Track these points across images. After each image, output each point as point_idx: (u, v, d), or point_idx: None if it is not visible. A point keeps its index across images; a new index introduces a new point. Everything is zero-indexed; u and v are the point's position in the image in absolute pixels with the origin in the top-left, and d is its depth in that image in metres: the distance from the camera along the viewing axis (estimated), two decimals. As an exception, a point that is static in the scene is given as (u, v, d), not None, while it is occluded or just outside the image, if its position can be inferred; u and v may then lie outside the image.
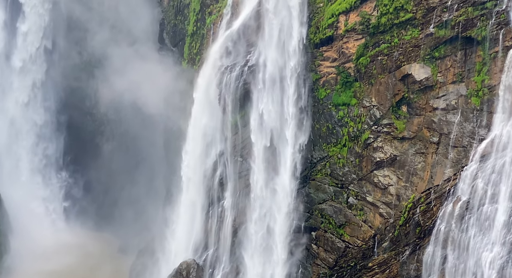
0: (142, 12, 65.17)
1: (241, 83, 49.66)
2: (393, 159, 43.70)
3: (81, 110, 73.28)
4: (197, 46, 58.34)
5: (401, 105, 43.25)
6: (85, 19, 69.20)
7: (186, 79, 57.23)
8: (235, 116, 50.84)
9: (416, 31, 41.65)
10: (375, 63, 43.65)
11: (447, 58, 40.56)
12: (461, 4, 39.10)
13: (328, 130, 46.69)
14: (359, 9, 43.95)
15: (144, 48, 63.78)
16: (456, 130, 39.98)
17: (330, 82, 46.38)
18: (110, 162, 71.58)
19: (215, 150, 52.08)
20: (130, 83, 59.51)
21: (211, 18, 55.79)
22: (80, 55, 72.04)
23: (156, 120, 62.16)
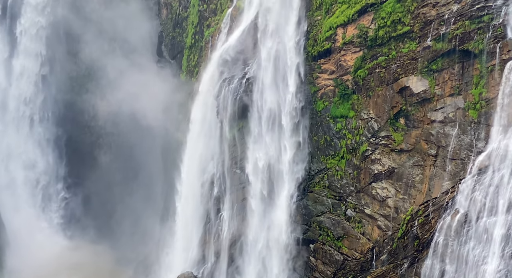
0: (140, 25, 65.45)
1: (239, 95, 49.73)
2: (391, 171, 43.67)
3: (79, 123, 73.33)
4: (195, 58, 58.53)
5: (399, 117, 43.29)
6: (83, 32, 69.48)
7: (184, 91, 57.40)
8: (233, 129, 50.87)
9: (414, 44, 41.81)
10: (373, 76, 43.77)
11: (445, 71, 40.67)
12: (458, 18, 39.27)
13: (326, 143, 46.71)
14: (357, 22, 44.15)
15: (143, 60, 64.04)
16: (454, 143, 39.98)
17: (328, 94, 46.47)
18: (108, 175, 71.49)
19: (213, 162, 52.07)
20: (128, 95, 59.67)
21: (209, 31, 56.03)
22: (78, 68, 72.22)
23: (154, 132, 62.23)
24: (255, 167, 49.25)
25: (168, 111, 57.41)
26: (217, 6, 56.04)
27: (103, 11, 66.86)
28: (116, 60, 65.36)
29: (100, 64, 67.03)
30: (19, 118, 73.93)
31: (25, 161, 73.90)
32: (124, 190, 69.67)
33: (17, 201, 71.76)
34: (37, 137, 74.15)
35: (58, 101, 73.85)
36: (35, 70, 73.28)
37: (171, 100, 57.28)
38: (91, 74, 70.28)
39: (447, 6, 39.93)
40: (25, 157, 73.88)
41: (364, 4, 43.59)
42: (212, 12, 56.60)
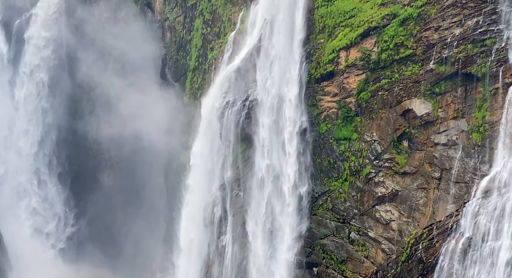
0: (144, 48, 65.83)
1: (242, 117, 49.86)
2: (395, 194, 43.54)
3: (82, 146, 73.30)
4: (198, 81, 58.84)
5: (402, 140, 43.30)
6: (86, 56, 69.81)
7: (187, 113, 57.61)
8: (236, 150, 50.92)
9: (417, 67, 41.98)
10: (376, 98, 43.88)
11: (448, 94, 40.77)
12: (461, 41, 39.50)
13: (329, 165, 46.66)
14: (360, 45, 44.39)
15: (146, 83, 64.32)
16: (458, 166, 39.91)
17: (331, 116, 46.55)
18: (111, 197, 71.29)
19: (215, 184, 51.99)
20: (131, 118, 59.88)
21: (213, 54, 56.42)
22: (82, 90, 72.52)
23: (157, 155, 62.26)
24: (258, 189, 49.12)
25: (171, 133, 57.55)
26: (221, 30, 56.50)
27: (107, 34, 67.41)
28: (120, 83, 65.68)
29: (104, 87, 67.32)
30: (22, 142, 74.08)
31: (27, 185, 73.85)
32: (126, 212, 69.42)
33: (19, 225, 71.55)
34: (39, 160, 74.20)
35: (60, 125, 74.07)
36: (38, 94, 73.68)
37: (175, 123, 57.47)
38: (94, 97, 70.50)
39: (449, 30, 40.20)
40: (28, 180, 73.87)
41: (366, 27, 43.87)
42: (216, 35, 57.06)
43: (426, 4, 41.33)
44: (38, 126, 73.81)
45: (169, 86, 63.38)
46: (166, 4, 64.26)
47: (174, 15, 63.19)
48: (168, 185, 63.28)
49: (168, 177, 63.21)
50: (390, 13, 42.87)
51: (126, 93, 63.90)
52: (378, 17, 43.34)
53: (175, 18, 63.14)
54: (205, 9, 58.19)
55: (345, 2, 45.18)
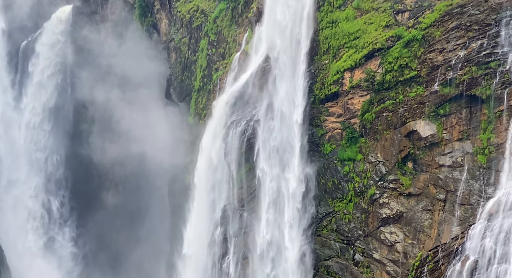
0: (149, 69, 66.22)
1: (246, 137, 49.86)
2: (400, 216, 43.35)
3: (87, 166, 73.35)
4: (203, 101, 59.04)
5: (407, 161, 43.23)
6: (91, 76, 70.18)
7: (192, 133, 57.68)
8: (240, 171, 50.80)
9: (421, 89, 42.06)
10: (381, 119, 43.91)
11: (452, 116, 40.79)
12: (465, 63, 39.63)
13: (333, 186, 46.53)
14: (364, 66, 44.53)
15: (151, 103, 64.55)
16: (463, 188, 39.79)
17: (335, 137, 46.53)
18: (114, 218, 71.12)
19: (219, 204, 51.82)
20: (136, 138, 59.99)
21: (218, 74, 56.68)
22: (86, 110, 72.81)
23: (161, 175, 62.25)
24: (263, 210, 48.94)
25: (175, 154, 57.56)
26: (226, 50, 56.83)
27: (112, 55, 67.85)
28: (124, 103, 65.93)
29: (108, 108, 67.54)
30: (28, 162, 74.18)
31: (32, 205, 73.78)
32: (130, 233, 69.21)
33: (23, 245, 71.33)
34: (44, 180, 74.24)
35: (65, 144, 74.24)
36: (42, 113, 74.01)
37: (179, 143, 57.53)
38: (99, 118, 70.76)
39: (454, 52, 40.35)
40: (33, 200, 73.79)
41: (371, 49, 44.04)
42: (221, 56, 57.38)
43: (430, 26, 41.55)
44: (42, 146, 74.01)
45: (174, 107, 63.59)
46: (171, 25, 64.81)
47: (180, 36, 63.66)
48: (172, 205, 63.15)
49: (172, 197, 63.12)
50: (394, 35, 43.10)
51: (131, 114, 64.12)
52: (382, 38, 43.56)
53: (181, 39, 63.60)
54: (210, 30, 58.63)
55: (349, 24, 45.42)
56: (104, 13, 72.13)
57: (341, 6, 45.74)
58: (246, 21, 54.46)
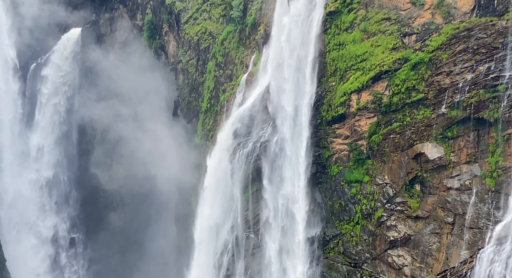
0: (157, 90, 66.55)
1: (253, 159, 49.84)
2: (407, 238, 43.03)
3: (94, 186, 73.37)
4: (210, 122, 59.18)
5: (415, 183, 43.04)
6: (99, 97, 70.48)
7: (199, 155, 57.72)
8: (247, 192, 50.70)
9: (428, 111, 42.04)
10: (388, 141, 43.82)
11: (460, 138, 40.69)
12: (473, 86, 39.64)
13: (340, 208, 46.31)
14: (371, 88, 44.61)
15: (158, 124, 64.70)
16: (471, 211, 39.52)
17: (342, 159, 46.44)
18: (121, 239, 70.89)
19: (226, 226, 51.61)
20: (143, 159, 59.98)
21: (225, 96, 56.88)
22: (94, 131, 73.04)
23: (168, 196, 62.15)
24: (269, 231, 48.70)
25: (182, 175, 57.53)
26: (233, 72, 57.10)
27: (121, 77, 68.24)
28: (132, 124, 66.13)
29: (116, 128, 67.71)
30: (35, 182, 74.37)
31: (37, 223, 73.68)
32: (136, 254, 68.88)
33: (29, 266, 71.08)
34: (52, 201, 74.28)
35: (72, 165, 74.39)
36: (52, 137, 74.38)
37: (186, 164, 57.51)
38: (107, 138, 70.89)
39: (461, 75, 40.39)
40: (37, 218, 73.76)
41: (378, 71, 44.14)
42: (228, 77, 57.64)
43: (437, 49, 41.66)
44: (50, 166, 74.22)
45: (181, 128, 63.72)
46: (179, 47, 65.26)
47: (187, 58, 64.08)
48: (179, 226, 62.95)
49: (179, 218, 62.94)
50: (401, 58, 43.22)
51: (138, 135, 64.27)
52: (389, 61, 43.68)
53: (188, 61, 64.01)
54: (217, 52, 59.01)
55: (356, 46, 45.59)
56: (112, 35, 72.79)
57: (348, 28, 45.95)
58: (254, 43, 54.79)
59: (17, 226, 73.02)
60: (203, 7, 61.82)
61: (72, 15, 74.99)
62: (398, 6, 43.78)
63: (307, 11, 46.81)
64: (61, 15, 75.44)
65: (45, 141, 74.43)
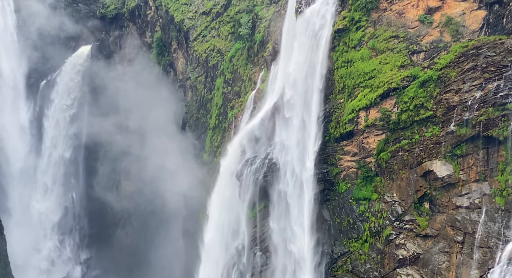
0: (165, 107, 66.81)
1: (261, 175, 49.70)
2: (416, 257, 42.63)
3: (102, 203, 73.40)
4: (218, 139, 59.20)
5: (423, 201, 42.75)
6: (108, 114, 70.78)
7: (207, 171, 57.69)
8: (254, 209, 50.52)
9: (437, 129, 41.87)
10: (396, 159, 43.63)
11: (469, 156, 40.45)
12: (482, 104, 39.49)
13: (349, 225, 46.00)
14: (380, 105, 44.51)
15: (166, 141, 64.84)
16: (481, 230, 39.14)
17: (350, 176, 46.23)
18: (128, 255, 70.74)
19: (233, 243, 51.39)
20: (151, 176, 59.94)
21: (233, 112, 56.96)
22: (103, 148, 73.15)
23: (175, 213, 62.10)
24: (276, 249, 48.43)
25: (190, 191, 57.48)
26: (241, 89, 57.27)
27: (129, 93, 68.54)
28: (140, 141, 66.32)
29: (124, 145, 67.87)
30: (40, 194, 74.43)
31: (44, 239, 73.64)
32: (144, 271, 68.62)
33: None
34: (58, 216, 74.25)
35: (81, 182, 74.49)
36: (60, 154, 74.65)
37: (194, 181, 57.49)
38: (115, 156, 70.98)
39: (470, 93, 40.27)
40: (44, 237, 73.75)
41: (386, 88, 44.07)
42: (236, 94, 57.78)
43: (446, 67, 41.60)
44: (59, 183, 74.34)
45: (189, 144, 63.82)
46: (188, 64, 65.55)
47: (196, 74, 64.35)
48: (186, 242, 62.74)
49: (187, 235, 62.77)
50: (410, 75, 43.16)
51: (146, 151, 64.41)
52: (397, 78, 43.62)
53: (197, 78, 64.27)
54: (226, 69, 59.25)
55: (364, 64, 45.61)
56: (122, 52, 73.34)
57: (357, 46, 46.00)
58: (262, 60, 54.97)
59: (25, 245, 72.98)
60: (212, 25, 62.24)
61: (82, 33, 75.77)
62: (407, 24, 43.87)
63: (315, 28, 46.97)
64: (71, 33, 76.26)
65: (53, 158, 74.71)
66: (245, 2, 59.12)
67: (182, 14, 64.66)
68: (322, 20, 46.79)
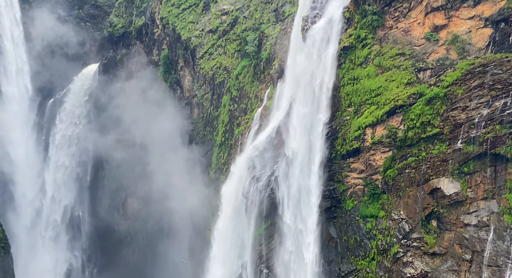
0: (172, 124, 66.91)
1: (267, 193, 49.59)
2: (424, 275, 42.25)
3: (109, 221, 73.26)
4: (225, 156, 59.20)
5: (431, 219, 42.47)
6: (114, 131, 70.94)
7: (213, 189, 57.62)
8: (261, 226, 50.34)
9: (444, 146, 41.73)
10: (403, 176, 43.45)
11: (477, 174, 40.23)
12: (489, 122, 39.37)
13: (356, 243, 45.72)
14: (386, 122, 44.44)
15: (173, 159, 64.86)
16: (490, 249, 38.80)
17: (357, 193, 46.05)
18: (134, 274, 70.38)
19: (240, 260, 51.16)
20: (157, 194, 59.85)
21: (239, 129, 57.02)
22: (109, 165, 73.19)
23: (182, 231, 61.86)
24: (282, 266, 48.15)
25: (196, 208, 57.39)
26: (247, 106, 57.37)
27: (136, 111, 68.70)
28: (146, 158, 66.37)
29: (130, 163, 67.92)
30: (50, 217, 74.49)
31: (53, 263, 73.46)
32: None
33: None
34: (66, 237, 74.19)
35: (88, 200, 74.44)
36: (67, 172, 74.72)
37: (200, 198, 57.43)
38: (121, 173, 71.01)
39: (477, 110, 40.18)
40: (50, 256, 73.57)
41: (393, 105, 44.03)
42: (243, 111, 57.88)
43: (452, 84, 41.56)
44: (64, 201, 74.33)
45: (195, 161, 63.83)
46: (194, 81, 65.79)
47: (202, 92, 64.55)
48: (193, 260, 62.46)
49: (193, 252, 62.50)
50: (416, 92, 43.14)
51: (152, 168, 64.39)
52: (404, 96, 43.60)
53: (203, 95, 64.45)
54: (232, 86, 59.44)
55: (371, 81, 45.65)
56: (129, 70, 73.74)
57: (363, 63, 46.08)
58: (268, 77, 55.14)
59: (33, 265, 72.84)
60: (218, 43, 62.58)
61: (90, 51, 76.34)
62: (413, 42, 43.96)
63: (321, 46, 47.14)
64: (78, 51, 76.83)
65: (60, 176, 74.80)
66: (252, 20, 59.51)
67: (189, 32, 65.04)
68: (328, 38, 46.98)
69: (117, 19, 75.66)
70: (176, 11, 67.04)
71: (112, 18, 76.45)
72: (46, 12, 74.56)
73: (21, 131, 73.92)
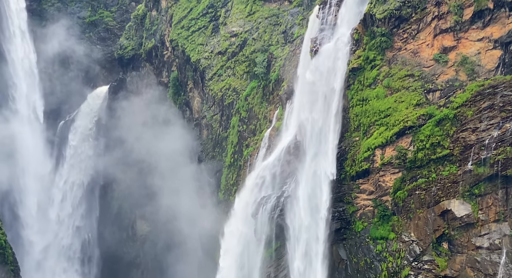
0: (181, 146, 66.95)
1: (276, 214, 49.40)
2: (436, 299, 41.83)
3: (117, 242, 73.06)
4: (233, 177, 59.18)
5: (442, 241, 42.12)
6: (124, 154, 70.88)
7: (222, 210, 57.50)
8: (270, 248, 50.08)
9: (454, 168, 41.53)
10: (413, 198, 43.21)
11: (488, 196, 39.95)
12: (499, 143, 39.19)
13: (366, 265, 45.34)
14: (395, 143, 44.36)
15: (182, 179, 64.85)
16: (502, 272, 38.38)
17: (367, 215, 45.80)
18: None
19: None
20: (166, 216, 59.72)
21: (248, 150, 57.07)
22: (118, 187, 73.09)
23: (191, 253, 61.57)
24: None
25: (206, 229, 57.19)
26: (256, 127, 57.48)
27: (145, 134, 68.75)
28: (156, 179, 66.34)
29: (139, 184, 67.90)
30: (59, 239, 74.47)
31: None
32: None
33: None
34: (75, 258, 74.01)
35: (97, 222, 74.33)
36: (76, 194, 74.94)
37: (209, 219, 57.27)
38: (131, 194, 70.97)
39: (487, 132, 40.04)
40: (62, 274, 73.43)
41: (402, 126, 43.99)
42: (251, 132, 57.98)
43: (462, 105, 41.52)
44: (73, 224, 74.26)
45: (204, 183, 63.81)
46: (204, 103, 66.06)
47: (211, 113, 64.78)
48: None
49: (202, 272, 62.09)
50: (425, 113, 43.10)
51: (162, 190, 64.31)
52: (413, 117, 43.56)
53: (212, 116, 64.66)
54: (241, 108, 59.62)
55: (380, 102, 45.67)
56: (139, 92, 74.15)
57: (372, 84, 46.17)
58: (277, 98, 55.29)
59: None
60: (227, 64, 62.93)
61: (100, 73, 76.93)
62: (422, 63, 44.03)
63: (330, 67, 47.30)
64: (89, 74, 77.45)
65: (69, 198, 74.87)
66: (261, 42, 59.87)
67: (198, 54, 65.50)
68: (336, 59, 47.15)
69: (127, 42, 76.37)
70: (186, 33, 67.58)
71: (122, 40, 77.23)
72: (58, 35, 75.44)
73: (33, 153, 74.19)
